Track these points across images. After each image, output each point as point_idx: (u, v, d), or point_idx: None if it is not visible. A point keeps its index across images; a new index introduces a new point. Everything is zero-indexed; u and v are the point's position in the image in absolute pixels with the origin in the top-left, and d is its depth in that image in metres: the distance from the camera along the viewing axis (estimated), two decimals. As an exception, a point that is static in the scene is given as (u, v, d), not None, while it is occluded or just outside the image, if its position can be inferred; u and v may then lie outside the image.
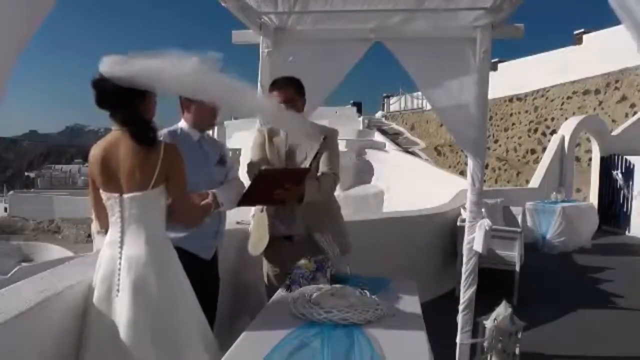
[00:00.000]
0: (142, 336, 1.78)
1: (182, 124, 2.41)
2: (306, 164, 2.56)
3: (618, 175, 9.33)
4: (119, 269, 1.83)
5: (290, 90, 2.60)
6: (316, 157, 2.58)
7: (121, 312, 1.79)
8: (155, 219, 1.90)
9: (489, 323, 2.98)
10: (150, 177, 1.83)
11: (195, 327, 1.93)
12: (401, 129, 21.52)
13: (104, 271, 1.86)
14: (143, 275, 1.81)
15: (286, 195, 2.39)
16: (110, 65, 1.78)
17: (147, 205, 1.86)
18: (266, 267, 2.76)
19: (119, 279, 1.82)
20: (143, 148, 1.83)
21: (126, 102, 1.83)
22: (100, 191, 1.90)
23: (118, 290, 1.81)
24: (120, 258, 1.84)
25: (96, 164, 1.87)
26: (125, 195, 1.84)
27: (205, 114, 2.39)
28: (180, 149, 1.95)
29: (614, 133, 10.25)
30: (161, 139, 1.98)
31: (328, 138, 2.62)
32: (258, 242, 2.70)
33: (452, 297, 4.42)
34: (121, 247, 1.85)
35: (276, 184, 2.38)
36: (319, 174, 2.56)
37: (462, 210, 5.05)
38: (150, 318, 1.80)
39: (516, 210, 6.79)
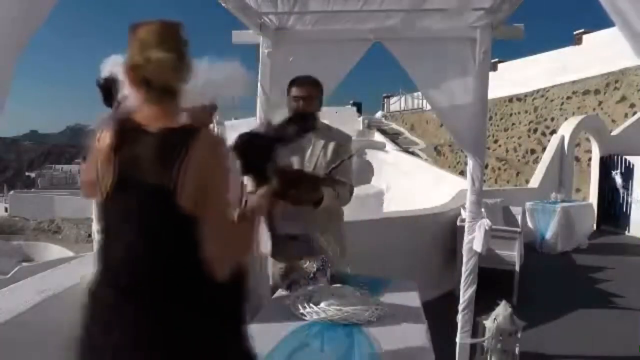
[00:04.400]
0: None
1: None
2: (317, 171, 2.52)
3: (617, 175, 9.33)
4: None
5: (311, 86, 2.57)
6: (328, 165, 2.50)
7: None
8: None
9: (489, 323, 2.98)
10: None
11: None
12: (401, 129, 21.49)
13: None
14: None
15: (302, 197, 2.34)
16: None
17: None
18: (272, 267, 2.73)
19: None
20: None
21: None
22: None
23: None
24: None
25: None
26: None
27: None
28: None
29: (613, 133, 10.24)
30: None
31: (345, 146, 2.58)
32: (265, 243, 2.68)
33: (452, 297, 4.41)
34: None
35: (290, 185, 2.34)
36: None
37: (462, 210, 5.05)
38: None
39: (516, 210, 6.78)
